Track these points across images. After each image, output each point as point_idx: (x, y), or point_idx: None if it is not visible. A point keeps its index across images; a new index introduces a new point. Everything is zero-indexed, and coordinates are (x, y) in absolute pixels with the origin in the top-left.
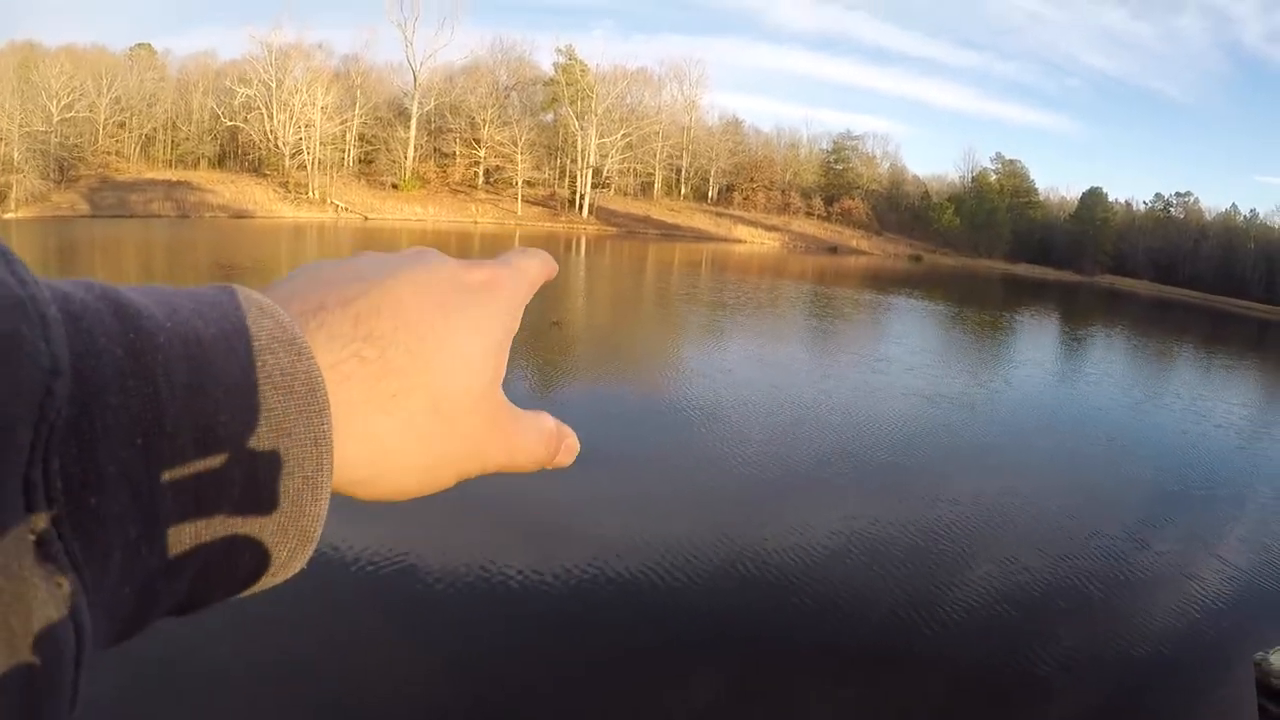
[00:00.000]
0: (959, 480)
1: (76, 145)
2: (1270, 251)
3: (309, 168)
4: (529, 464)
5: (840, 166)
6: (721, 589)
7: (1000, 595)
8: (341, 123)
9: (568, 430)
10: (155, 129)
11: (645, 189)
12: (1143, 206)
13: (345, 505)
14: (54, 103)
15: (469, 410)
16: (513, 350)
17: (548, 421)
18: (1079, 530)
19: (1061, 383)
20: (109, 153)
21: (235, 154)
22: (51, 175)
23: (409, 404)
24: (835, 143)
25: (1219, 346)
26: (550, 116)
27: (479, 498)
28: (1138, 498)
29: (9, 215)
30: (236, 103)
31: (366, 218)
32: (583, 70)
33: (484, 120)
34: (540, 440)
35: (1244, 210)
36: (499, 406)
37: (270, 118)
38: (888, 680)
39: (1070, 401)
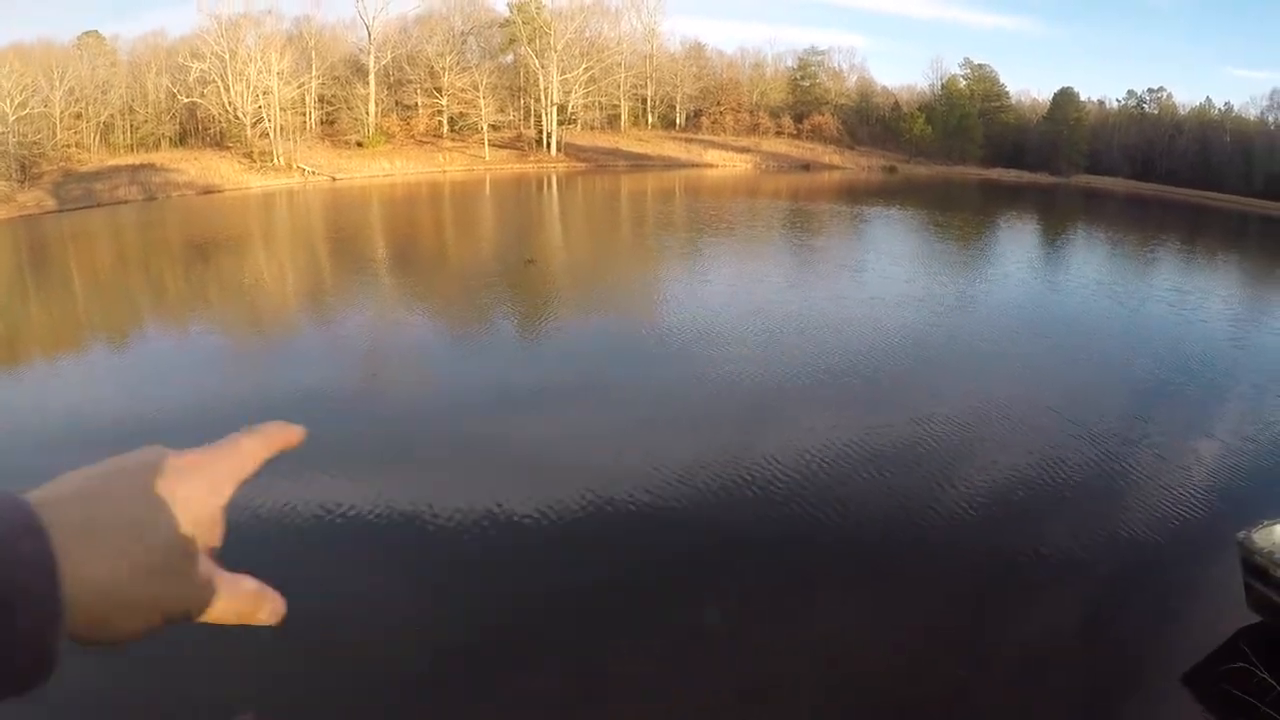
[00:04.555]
0: (946, 385)
1: (35, 142)
2: (1246, 144)
3: (271, 135)
4: (223, 617)
5: (807, 83)
6: (721, 505)
7: (992, 494)
8: (299, 86)
9: (270, 593)
10: (112, 115)
11: (612, 121)
12: (1116, 105)
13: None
14: (8, 103)
15: (164, 570)
16: (493, 289)
17: (246, 584)
18: (1066, 427)
19: (1043, 283)
20: (69, 145)
21: (196, 130)
22: (14, 176)
23: (119, 569)
24: (801, 60)
25: (1199, 240)
26: (510, 58)
27: (477, 443)
28: (1124, 392)
29: None
30: (191, 79)
31: (334, 178)
32: (538, 8)
33: (443, 68)
34: (232, 599)
35: (1218, 104)
36: (196, 563)
37: (227, 89)
38: (886, 586)
39: (1053, 302)
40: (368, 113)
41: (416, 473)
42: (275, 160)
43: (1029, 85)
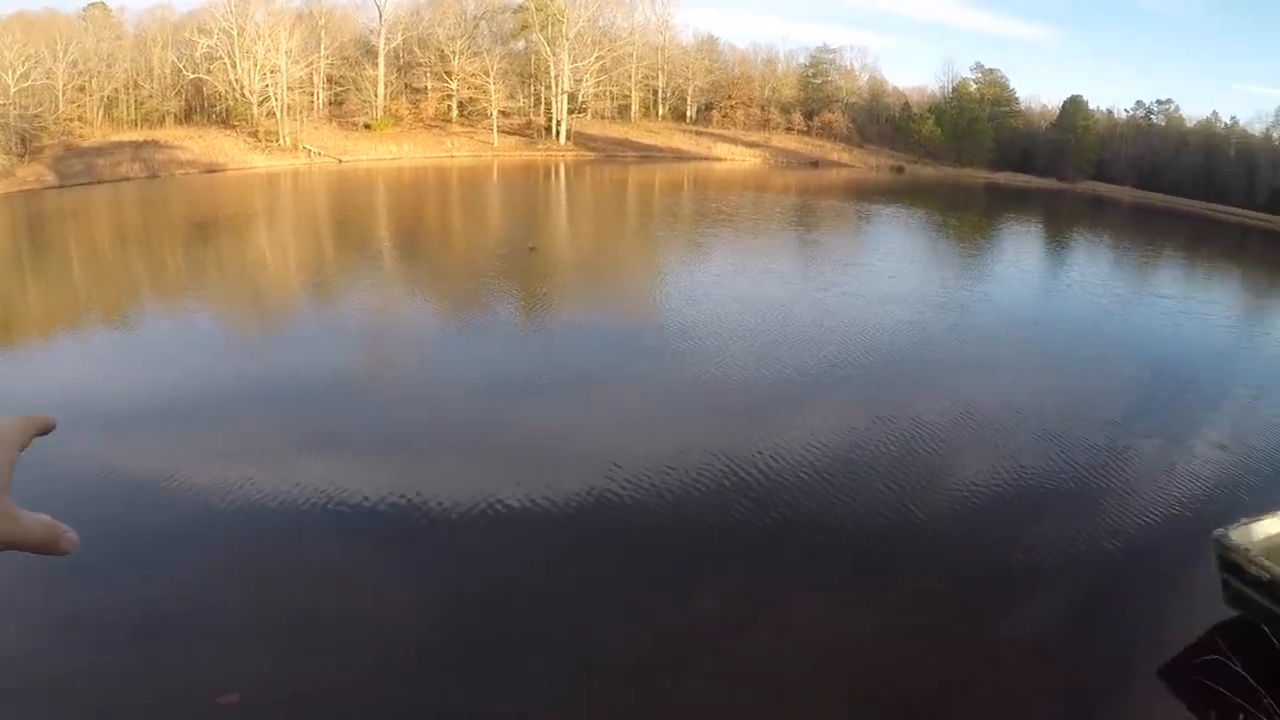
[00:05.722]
0: (945, 384)
1: (37, 115)
2: (1250, 158)
3: (278, 114)
4: (29, 543)
5: (819, 81)
6: (717, 500)
7: (977, 492)
8: (308, 66)
9: (65, 527)
10: (117, 90)
11: (622, 112)
12: (1124, 114)
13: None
14: (9, 74)
15: None
16: (494, 275)
17: (44, 519)
18: (1054, 428)
19: (1047, 287)
20: (71, 119)
21: (201, 107)
22: (14, 149)
23: None
24: (813, 57)
25: (1202, 250)
26: (521, 44)
27: (479, 429)
28: (1118, 395)
29: None
30: (198, 54)
31: (340, 160)
32: None
33: (454, 52)
34: (36, 529)
35: (1224, 118)
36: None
37: (234, 67)
38: (869, 581)
39: (1055, 305)
40: (376, 95)
41: (407, 459)
42: (281, 140)
43: (1039, 91)
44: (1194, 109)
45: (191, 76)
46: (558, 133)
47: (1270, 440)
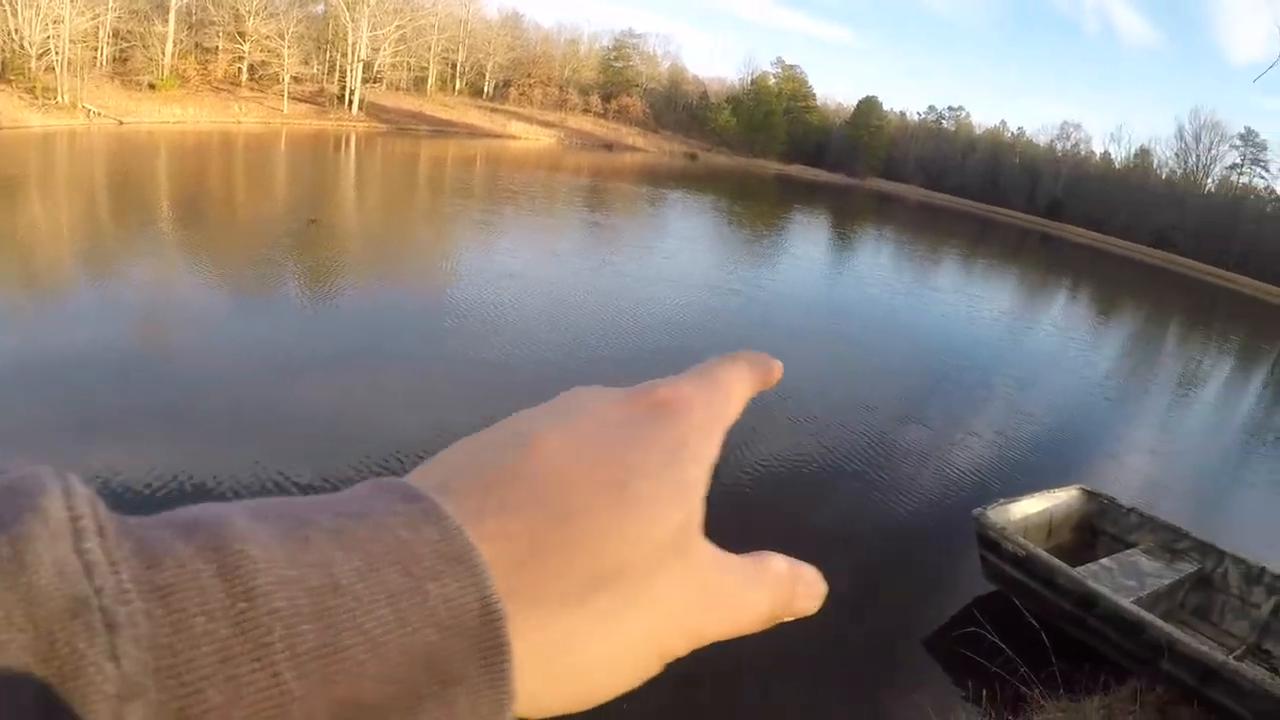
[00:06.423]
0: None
1: None
2: (1034, 166)
3: (58, 69)
4: (755, 624)
5: (620, 64)
6: None
7: (771, 471)
8: (94, 18)
9: (805, 569)
10: None
11: (418, 84)
12: (916, 117)
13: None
14: None
15: (650, 570)
16: (271, 248)
17: (776, 564)
18: (825, 412)
19: (825, 276)
20: None
21: None
22: None
23: (567, 585)
24: (616, 40)
25: (980, 249)
26: (320, 8)
27: (254, 409)
28: (895, 384)
29: None
30: None
31: (121, 122)
32: None
33: (249, 11)
34: (767, 592)
35: (1012, 128)
36: (699, 556)
37: (15, 15)
38: None
39: (831, 293)
40: (164, 53)
41: (187, 440)
42: (60, 98)
43: (836, 91)
44: (983, 117)
45: None
46: (351, 102)
47: (1027, 429)
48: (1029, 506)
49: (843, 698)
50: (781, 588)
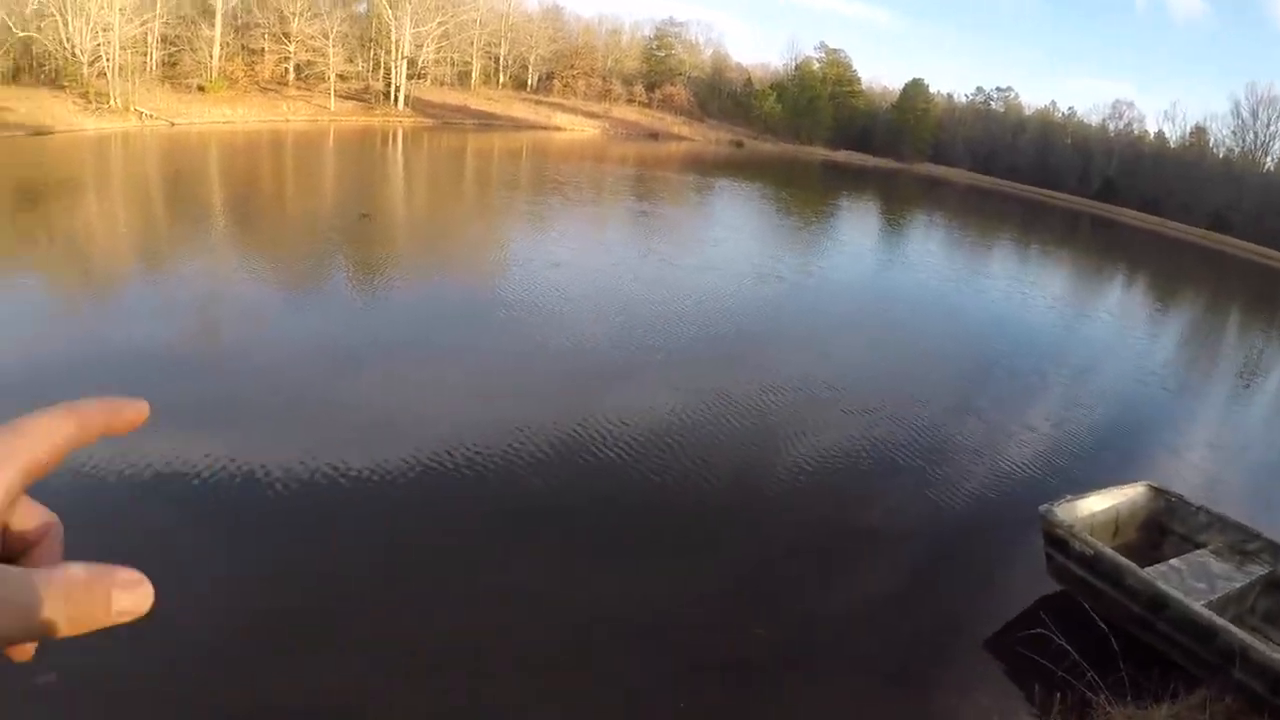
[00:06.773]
0: (784, 355)
1: None
2: (1085, 147)
3: (109, 75)
4: (57, 627)
5: (663, 53)
6: (560, 470)
7: (813, 469)
8: (142, 24)
9: (118, 573)
10: None
11: (463, 78)
12: (964, 99)
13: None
14: None
15: None
16: (325, 242)
17: (71, 572)
18: (890, 407)
19: (875, 263)
20: None
21: (30, 67)
22: None
23: None
24: (658, 29)
25: (1033, 234)
26: (363, 7)
27: (308, 400)
28: (948, 374)
29: None
30: (29, 11)
31: (173, 123)
32: None
33: (293, 13)
34: (56, 599)
35: (1062, 108)
36: None
37: (66, 24)
38: (705, 552)
39: (881, 281)
40: (211, 56)
41: (240, 433)
42: (112, 102)
43: (881, 74)
44: (1031, 97)
45: (21, 35)
46: (396, 98)
47: (1083, 420)
48: (1095, 504)
49: (902, 697)
50: (76, 593)
